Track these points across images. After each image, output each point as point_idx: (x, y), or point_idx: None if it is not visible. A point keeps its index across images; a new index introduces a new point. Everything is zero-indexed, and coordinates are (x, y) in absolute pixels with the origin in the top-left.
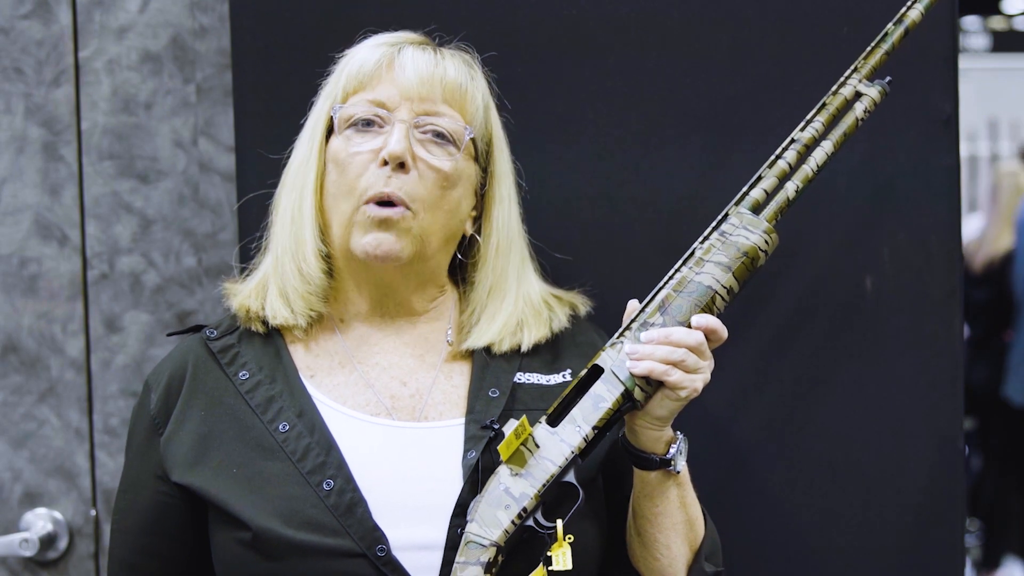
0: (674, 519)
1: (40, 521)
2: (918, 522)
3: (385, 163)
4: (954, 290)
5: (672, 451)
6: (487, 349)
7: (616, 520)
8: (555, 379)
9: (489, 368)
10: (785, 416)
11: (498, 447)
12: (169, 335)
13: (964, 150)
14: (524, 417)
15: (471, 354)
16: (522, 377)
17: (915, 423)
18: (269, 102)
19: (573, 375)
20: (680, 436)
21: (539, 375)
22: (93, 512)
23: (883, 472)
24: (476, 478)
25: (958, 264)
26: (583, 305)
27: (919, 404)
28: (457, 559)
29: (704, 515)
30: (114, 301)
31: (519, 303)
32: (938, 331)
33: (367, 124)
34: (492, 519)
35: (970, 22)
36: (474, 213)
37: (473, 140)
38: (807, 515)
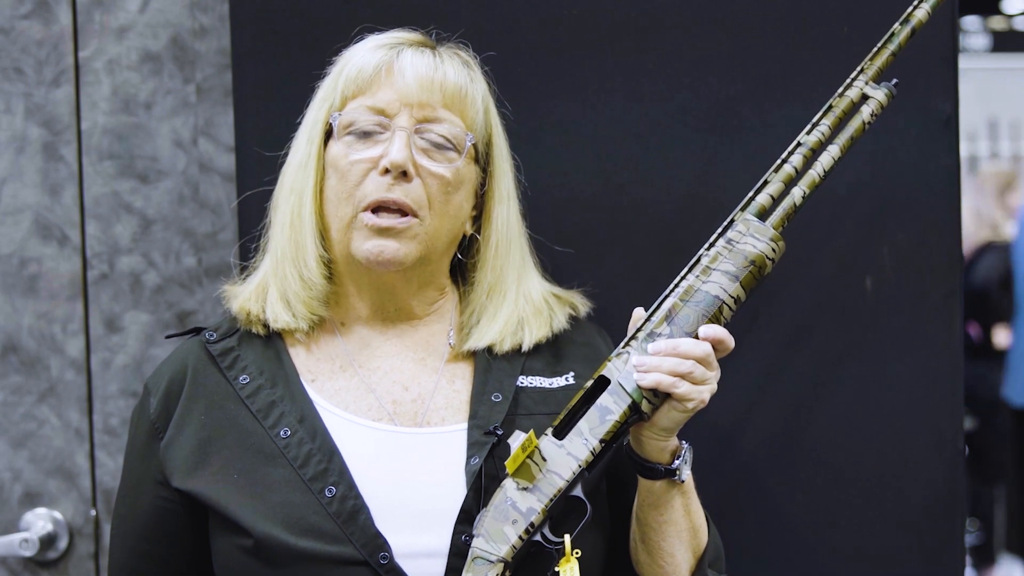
0: (678, 527)
1: (40, 521)
2: (918, 522)
3: (386, 171)
4: (954, 290)
5: (677, 461)
6: (488, 350)
7: (619, 526)
8: (558, 382)
9: (491, 372)
10: (785, 416)
11: (505, 462)
12: (168, 337)
13: (964, 150)
14: (531, 431)
15: (472, 356)
16: (524, 380)
17: (915, 423)
18: (269, 102)
19: (576, 377)
20: (685, 445)
21: (542, 378)
22: (93, 512)
23: (883, 472)
24: (479, 485)
25: (958, 264)
26: (583, 305)
27: (919, 404)
28: (464, 575)
29: (707, 521)
30: (114, 301)
31: (519, 302)
32: (938, 331)
33: (367, 131)
34: (499, 534)
35: (970, 22)
36: (474, 212)
37: (474, 144)
38: (807, 514)
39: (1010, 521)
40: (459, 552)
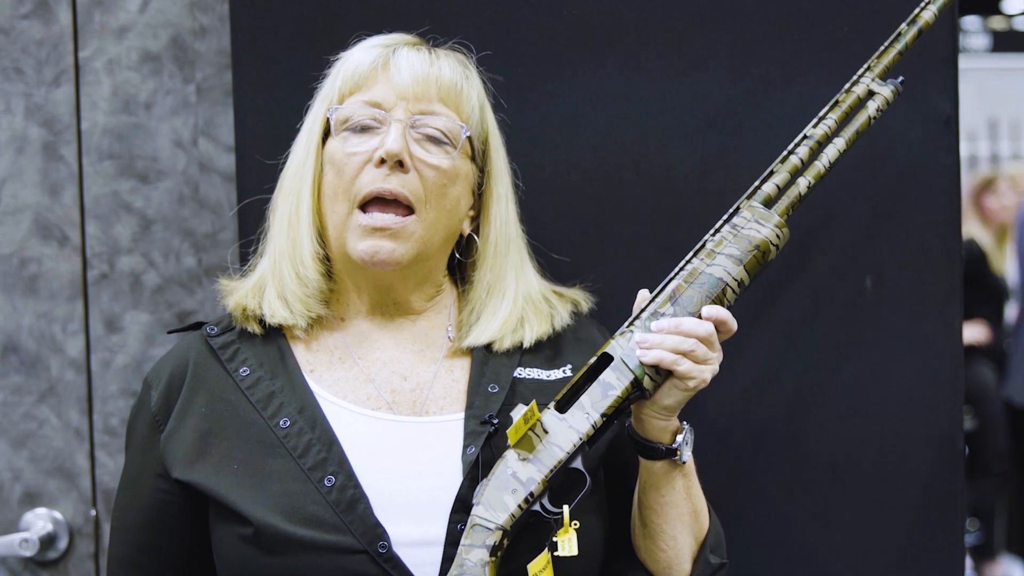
0: (680, 510)
1: (40, 521)
2: (918, 522)
3: (382, 162)
4: (954, 290)
5: (678, 441)
6: (488, 347)
7: (620, 513)
8: (555, 374)
9: (489, 363)
10: (785, 415)
11: (507, 431)
12: (170, 332)
13: (964, 150)
14: (534, 402)
15: (471, 350)
16: (522, 372)
17: (915, 423)
18: (269, 102)
19: (573, 371)
20: (686, 426)
21: (539, 370)
22: (93, 512)
23: (883, 472)
24: (476, 474)
25: (958, 264)
26: (585, 301)
27: (919, 404)
28: (463, 541)
29: (709, 508)
30: (114, 301)
31: (519, 300)
32: (938, 331)
33: (363, 125)
34: (499, 503)
35: (970, 22)
36: (472, 212)
37: (470, 139)
38: (807, 514)
39: (1010, 520)
40: (454, 541)
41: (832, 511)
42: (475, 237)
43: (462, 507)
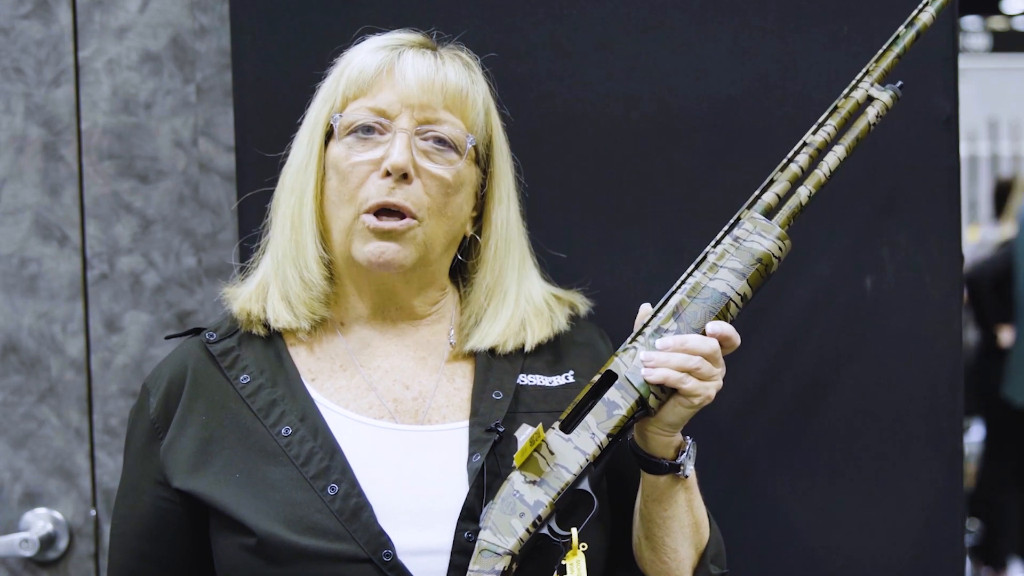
0: (682, 523)
1: (40, 521)
2: (918, 522)
3: (387, 174)
4: (954, 290)
5: (681, 456)
6: (491, 351)
7: (621, 521)
8: (558, 380)
9: (492, 370)
10: (785, 415)
11: (514, 455)
12: (168, 338)
13: (964, 150)
14: (540, 425)
15: (473, 355)
16: (525, 379)
17: (915, 424)
18: (269, 102)
19: (576, 376)
20: (689, 441)
21: (542, 376)
22: (93, 512)
23: (883, 472)
24: (482, 481)
25: (958, 264)
26: (583, 304)
27: (919, 404)
28: (471, 567)
29: (709, 517)
30: (114, 301)
31: (521, 303)
32: (938, 331)
33: (367, 131)
34: (506, 527)
35: (970, 22)
36: (474, 213)
37: (474, 146)
38: (806, 514)
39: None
40: (462, 549)
41: (831, 511)
42: (478, 238)
43: (469, 515)
